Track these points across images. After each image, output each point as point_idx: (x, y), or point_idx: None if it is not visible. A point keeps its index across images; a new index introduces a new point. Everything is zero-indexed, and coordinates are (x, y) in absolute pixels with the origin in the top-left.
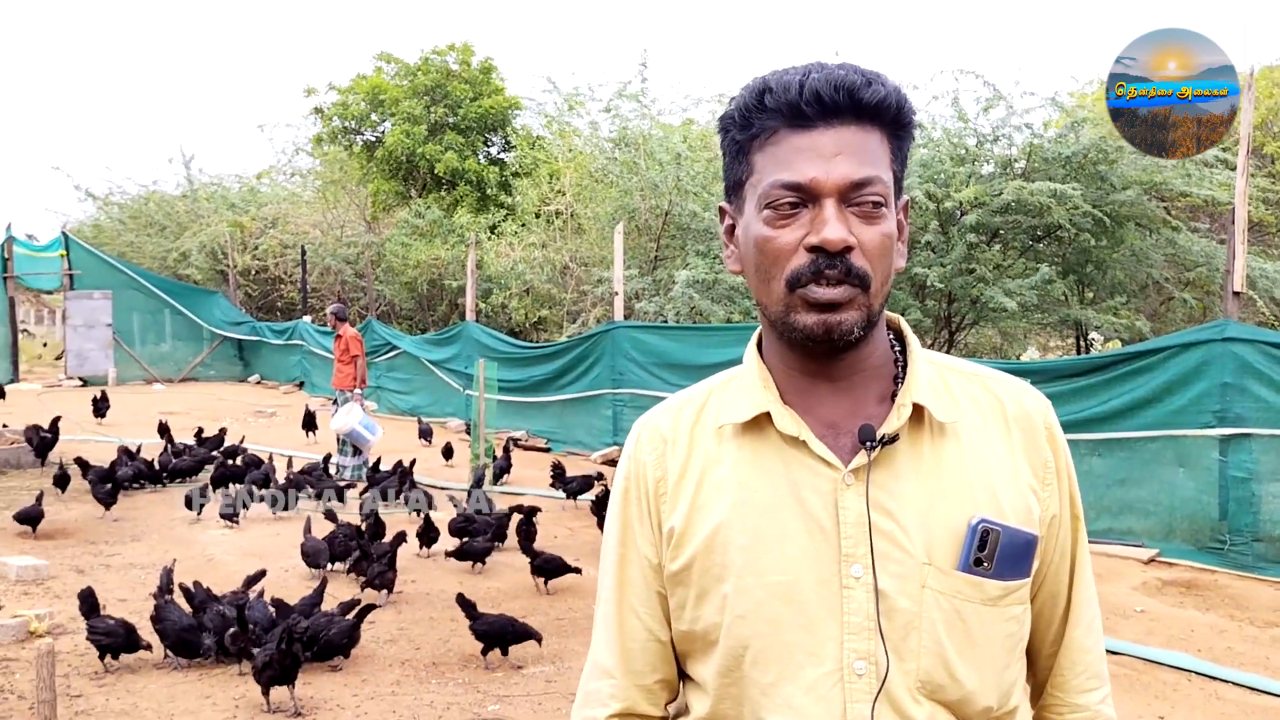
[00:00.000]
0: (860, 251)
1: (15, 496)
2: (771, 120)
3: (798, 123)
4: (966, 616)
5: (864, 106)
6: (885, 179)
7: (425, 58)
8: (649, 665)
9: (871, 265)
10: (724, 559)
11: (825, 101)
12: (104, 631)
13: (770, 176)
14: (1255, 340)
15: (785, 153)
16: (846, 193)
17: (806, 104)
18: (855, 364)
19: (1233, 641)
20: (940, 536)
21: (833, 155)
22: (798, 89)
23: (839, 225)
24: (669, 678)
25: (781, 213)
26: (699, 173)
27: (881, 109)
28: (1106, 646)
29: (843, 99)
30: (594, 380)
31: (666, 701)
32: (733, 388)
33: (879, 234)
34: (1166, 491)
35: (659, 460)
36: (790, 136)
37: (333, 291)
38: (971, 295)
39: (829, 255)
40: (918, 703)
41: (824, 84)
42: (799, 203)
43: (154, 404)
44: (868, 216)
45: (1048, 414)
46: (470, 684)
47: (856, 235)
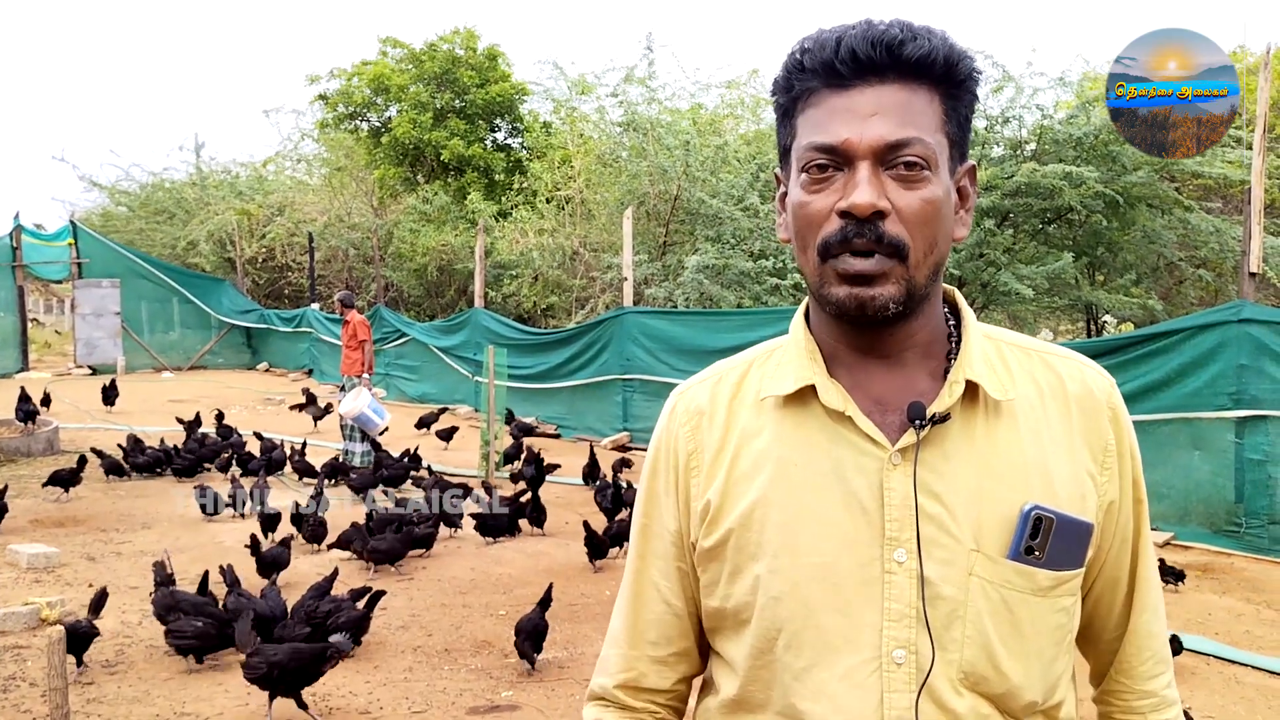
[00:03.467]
0: (896, 217)
1: (26, 485)
2: (811, 81)
3: (835, 82)
4: (1014, 607)
5: (906, 63)
6: (929, 140)
7: (430, 44)
8: (663, 637)
9: (910, 233)
10: (760, 536)
11: (861, 59)
12: (193, 635)
13: (806, 139)
14: (1272, 321)
15: (822, 114)
16: (883, 154)
17: (841, 62)
18: (905, 339)
19: (1250, 625)
20: (990, 522)
21: (869, 115)
22: (834, 47)
23: (869, 189)
24: (684, 650)
25: (815, 177)
26: (708, 158)
27: (926, 65)
28: None
29: (880, 56)
30: (604, 366)
31: (686, 676)
32: (775, 359)
33: (919, 199)
34: (1182, 474)
35: (692, 433)
36: (829, 97)
37: (340, 278)
38: (982, 279)
39: (858, 221)
40: (959, 694)
41: (860, 41)
42: (833, 165)
43: (163, 392)
44: (906, 180)
45: (1112, 393)
46: (483, 670)
47: (893, 200)
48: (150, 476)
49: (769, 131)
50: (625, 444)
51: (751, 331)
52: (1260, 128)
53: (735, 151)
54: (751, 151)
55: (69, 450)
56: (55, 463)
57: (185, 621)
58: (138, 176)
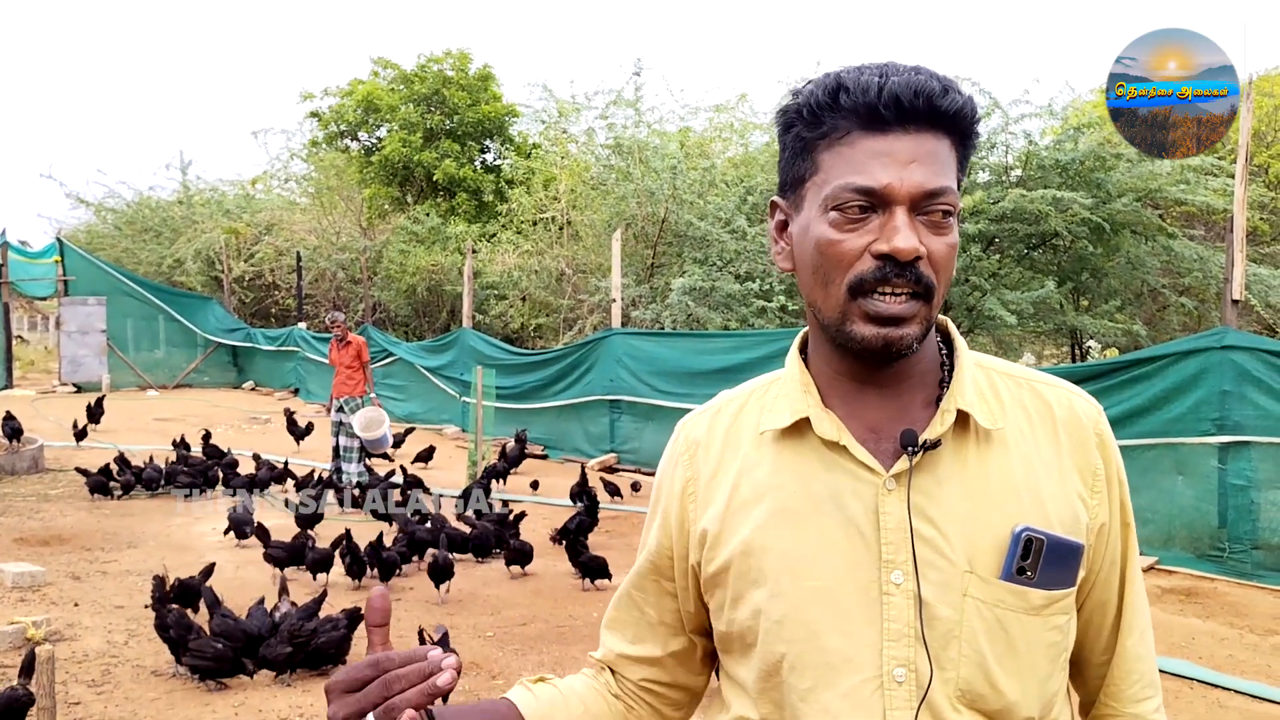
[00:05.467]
0: (928, 261)
1: (11, 503)
2: (845, 120)
3: (874, 126)
4: (1008, 626)
5: (940, 114)
6: (954, 189)
7: (422, 64)
8: (638, 638)
9: (937, 276)
10: (761, 563)
11: (905, 106)
12: (212, 657)
13: (840, 179)
14: (1254, 348)
15: (858, 155)
16: (919, 201)
17: (885, 107)
18: (904, 370)
19: (1233, 649)
20: (983, 544)
21: (908, 162)
22: (876, 91)
23: (911, 234)
24: (653, 658)
25: (849, 216)
26: (695, 180)
27: (957, 118)
28: None
29: (921, 105)
30: (590, 387)
31: (650, 678)
32: (774, 391)
33: (945, 245)
34: (1165, 499)
35: (689, 462)
36: (864, 139)
37: (328, 298)
38: (968, 304)
39: (898, 264)
40: (957, 711)
41: (904, 89)
42: (869, 207)
43: (148, 410)
44: (937, 227)
45: (1099, 420)
46: (472, 692)
47: (925, 245)
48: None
49: (756, 155)
50: (612, 465)
51: (738, 354)
52: (1242, 157)
53: (723, 175)
54: (739, 174)
55: (54, 469)
56: (40, 481)
57: (205, 642)
58: (124, 195)
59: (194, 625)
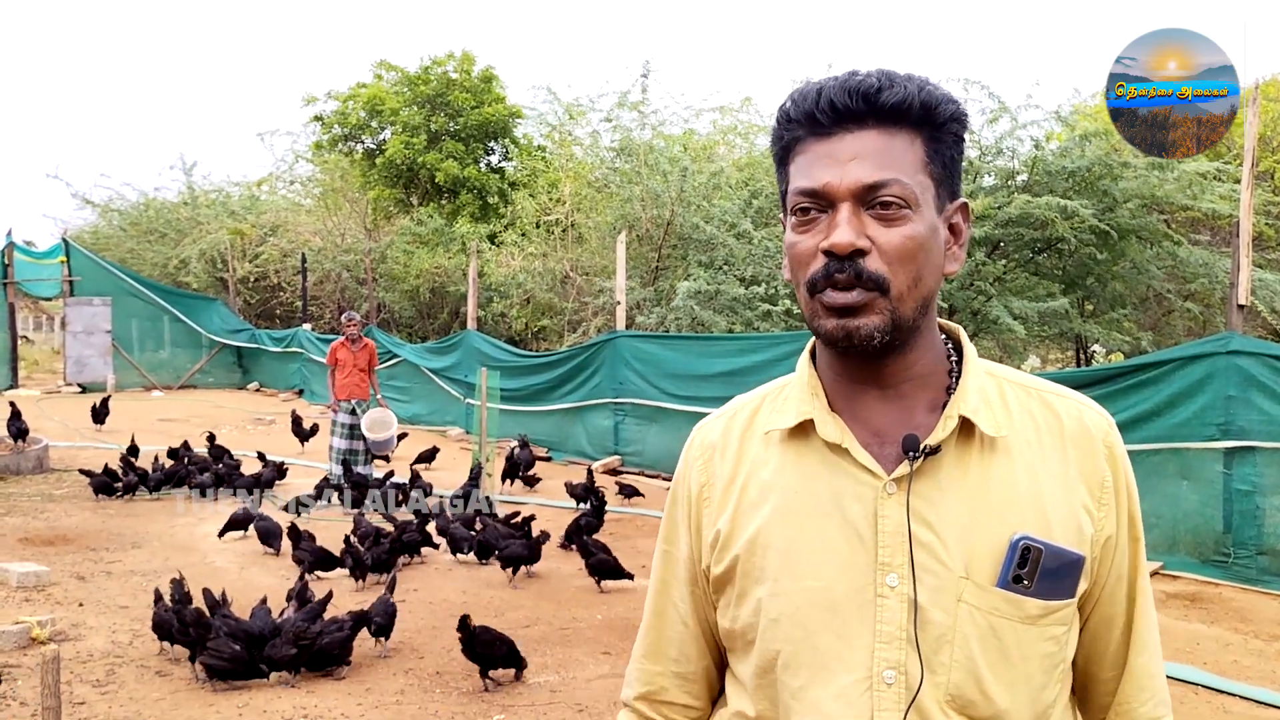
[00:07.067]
0: (877, 255)
1: (16, 503)
2: (797, 130)
3: (818, 130)
4: (1002, 634)
5: (883, 109)
6: (907, 181)
7: (425, 67)
8: (683, 654)
9: (891, 268)
10: (763, 561)
11: (839, 108)
12: (229, 658)
13: (794, 184)
14: (1259, 353)
15: (807, 160)
16: (862, 195)
17: (821, 112)
18: (901, 371)
19: (1238, 655)
20: (980, 551)
21: (848, 160)
22: (814, 98)
23: (848, 229)
24: (704, 669)
25: (801, 219)
26: (701, 184)
27: (903, 110)
28: None
29: (858, 104)
30: (595, 389)
31: (706, 695)
32: (784, 394)
33: (899, 236)
34: (1170, 504)
35: (705, 466)
36: (813, 144)
37: (332, 299)
38: (973, 308)
39: (839, 259)
40: (946, 715)
41: (838, 91)
42: (816, 208)
43: (153, 411)
44: (886, 219)
45: (1109, 432)
46: (474, 694)
47: (874, 238)
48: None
49: (761, 158)
50: (616, 467)
51: (743, 357)
52: (1248, 162)
53: (728, 178)
54: (744, 177)
55: (59, 469)
56: (45, 481)
57: (224, 642)
58: (130, 196)
59: (213, 625)
